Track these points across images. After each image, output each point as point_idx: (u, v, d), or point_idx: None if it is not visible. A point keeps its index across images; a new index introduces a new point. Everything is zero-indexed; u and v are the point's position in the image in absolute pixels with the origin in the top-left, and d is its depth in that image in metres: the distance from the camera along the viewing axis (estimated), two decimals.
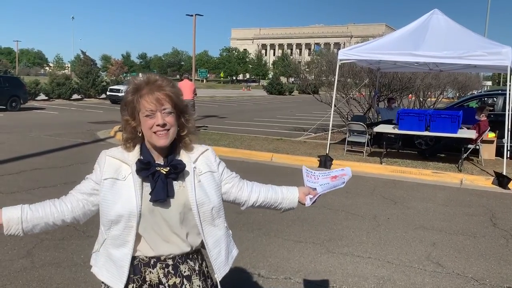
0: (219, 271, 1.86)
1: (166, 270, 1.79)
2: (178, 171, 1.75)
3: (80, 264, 4.15)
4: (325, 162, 9.31)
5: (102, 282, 1.86)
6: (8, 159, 8.92)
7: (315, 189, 2.04)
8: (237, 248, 2.02)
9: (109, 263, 1.79)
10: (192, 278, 1.83)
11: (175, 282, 1.79)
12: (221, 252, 1.87)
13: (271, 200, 2.00)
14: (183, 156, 1.82)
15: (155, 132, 1.72)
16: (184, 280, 1.81)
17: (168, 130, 1.72)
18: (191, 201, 1.77)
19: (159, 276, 1.79)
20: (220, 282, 1.87)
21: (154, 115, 1.71)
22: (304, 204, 2.04)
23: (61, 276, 3.90)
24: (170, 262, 1.80)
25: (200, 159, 1.85)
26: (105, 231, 1.79)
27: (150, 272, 1.79)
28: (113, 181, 1.75)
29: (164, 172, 1.73)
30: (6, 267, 4.04)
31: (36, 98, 27.63)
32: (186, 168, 1.78)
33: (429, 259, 4.61)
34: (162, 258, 1.79)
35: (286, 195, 2.01)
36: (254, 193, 1.98)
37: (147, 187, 1.74)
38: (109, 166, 1.77)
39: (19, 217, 1.73)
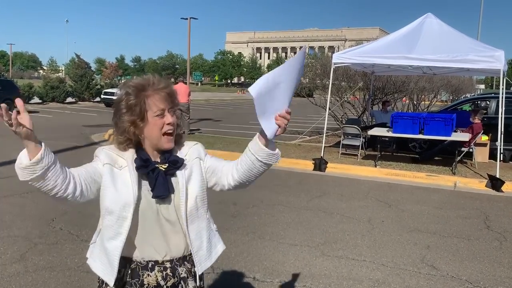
0: (200, 265, 1.81)
1: (164, 273, 1.79)
2: (178, 165, 1.75)
3: (74, 268, 4.12)
4: (319, 165, 9.33)
5: (98, 279, 1.84)
6: (1, 162, 8.86)
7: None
8: (224, 244, 1.97)
9: (103, 254, 1.77)
10: (188, 279, 1.84)
11: (173, 283, 1.80)
12: (202, 245, 1.82)
13: (247, 164, 1.75)
14: (176, 153, 1.83)
15: (165, 133, 1.71)
16: (182, 281, 1.82)
17: (174, 130, 1.74)
18: (180, 188, 1.75)
19: (157, 279, 1.78)
20: (200, 276, 1.84)
21: (163, 115, 1.71)
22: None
23: (55, 281, 3.87)
24: (168, 265, 1.79)
25: (190, 151, 1.86)
26: (101, 221, 1.78)
27: (148, 275, 1.78)
28: (111, 167, 1.72)
29: (163, 169, 1.73)
30: None
31: (30, 101, 27.50)
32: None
33: (424, 262, 4.62)
34: (160, 261, 1.78)
35: (252, 148, 1.72)
36: (237, 166, 1.80)
37: (145, 185, 1.73)
38: (106, 155, 1.75)
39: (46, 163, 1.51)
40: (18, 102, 1.47)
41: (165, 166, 1.74)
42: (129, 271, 1.77)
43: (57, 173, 1.54)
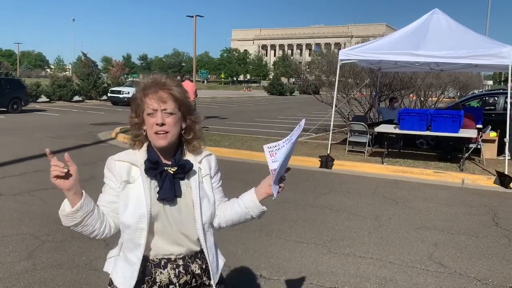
0: (214, 277, 1.88)
1: (177, 270, 1.81)
2: (186, 170, 1.77)
3: (81, 266, 4.14)
4: (326, 163, 9.30)
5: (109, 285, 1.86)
6: (10, 161, 8.93)
7: (274, 169, 1.82)
8: (223, 258, 2.03)
9: (126, 267, 1.80)
10: (203, 276, 1.87)
11: (186, 280, 1.82)
12: (214, 257, 1.90)
13: (237, 215, 1.95)
14: (189, 157, 1.84)
15: (155, 132, 1.73)
16: (196, 277, 1.84)
17: (167, 131, 1.73)
18: (195, 200, 1.79)
19: (169, 276, 1.80)
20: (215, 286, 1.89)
21: (155, 114, 1.72)
22: (273, 197, 1.89)
23: (63, 278, 3.90)
24: (180, 262, 1.82)
25: (204, 161, 1.88)
26: (121, 235, 1.82)
27: (161, 273, 1.80)
28: (125, 184, 1.76)
29: (172, 172, 1.75)
30: (7, 269, 4.04)
31: (37, 100, 27.65)
32: (193, 168, 1.80)
33: (431, 259, 4.60)
34: (173, 258, 1.81)
35: (247, 204, 1.92)
36: (224, 211, 1.95)
37: (157, 188, 1.76)
38: (121, 169, 1.77)
39: (85, 212, 1.66)
40: (66, 156, 1.62)
41: (174, 169, 1.76)
42: (141, 269, 1.78)
43: (95, 219, 1.70)
